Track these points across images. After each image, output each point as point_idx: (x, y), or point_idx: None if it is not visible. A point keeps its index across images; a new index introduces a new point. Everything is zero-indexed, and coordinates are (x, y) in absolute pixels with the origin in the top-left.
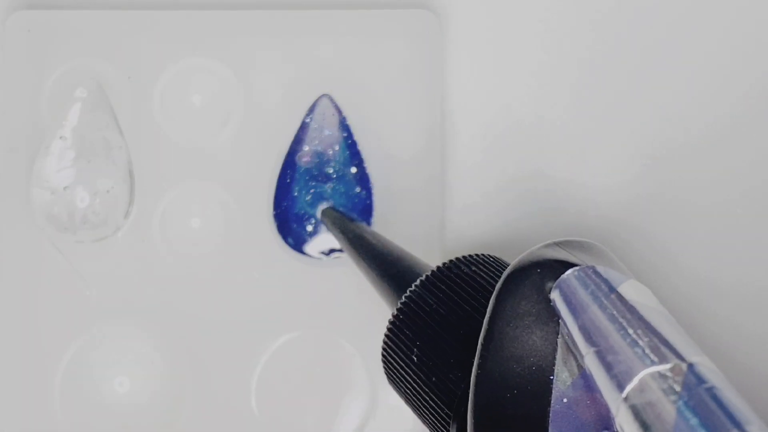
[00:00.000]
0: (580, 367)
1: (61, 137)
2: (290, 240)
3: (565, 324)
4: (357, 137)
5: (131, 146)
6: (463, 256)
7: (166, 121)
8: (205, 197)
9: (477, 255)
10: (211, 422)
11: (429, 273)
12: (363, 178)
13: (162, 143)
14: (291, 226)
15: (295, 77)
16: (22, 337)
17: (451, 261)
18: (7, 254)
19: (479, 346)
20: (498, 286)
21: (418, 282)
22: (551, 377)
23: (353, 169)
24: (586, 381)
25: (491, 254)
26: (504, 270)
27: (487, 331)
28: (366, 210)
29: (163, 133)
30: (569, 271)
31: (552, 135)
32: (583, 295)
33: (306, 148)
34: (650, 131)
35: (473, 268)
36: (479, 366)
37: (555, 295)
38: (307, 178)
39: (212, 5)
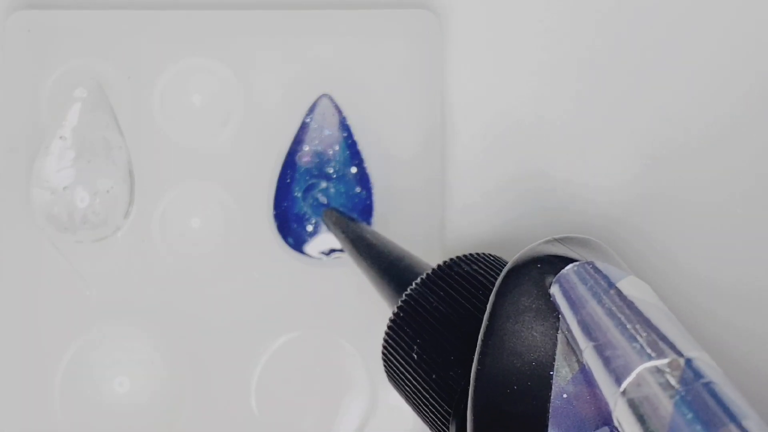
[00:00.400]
0: (580, 363)
1: (61, 137)
2: (290, 240)
3: (564, 319)
4: (357, 137)
5: (131, 146)
6: (463, 255)
7: (166, 121)
8: (205, 197)
9: (477, 254)
10: (211, 422)
11: (429, 271)
12: (363, 178)
13: (162, 143)
14: (291, 226)
15: (295, 77)
16: (22, 337)
17: (451, 259)
18: (7, 254)
19: (479, 342)
20: (498, 282)
21: (418, 280)
22: (551, 373)
23: (353, 169)
24: (585, 376)
25: (491, 253)
26: (503, 268)
27: (488, 327)
28: (366, 210)
29: (163, 133)
30: (569, 267)
31: (552, 135)
32: (582, 290)
33: (306, 148)
34: (650, 131)
35: (473, 267)
36: (479, 362)
37: (554, 290)
38: (307, 178)
39: (212, 5)
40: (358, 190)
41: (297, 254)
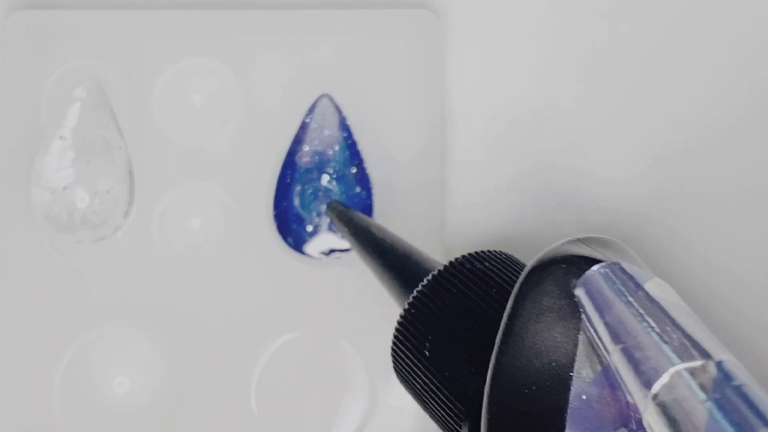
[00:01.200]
0: (602, 364)
1: (60, 137)
2: (290, 240)
3: (590, 320)
4: (357, 137)
5: (131, 146)
6: (475, 252)
7: (166, 121)
8: (205, 197)
9: (488, 251)
10: (211, 422)
11: (441, 268)
12: (363, 178)
13: (162, 143)
14: (291, 226)
15: (295, 77)
16: (22, 337)
17: (463, 256)
18: (7, 254)
19: (498, 341)
20: (520, 280)
21: (430, 276)
22: (571, 374)
23: (353, 169)
24: (607, 378)
25: (502, 251)
26: (516, 266)
27: (507, 325)
28: (366, 210)
29: (162, 133)
30: (595, 267)
31: (552, 134)
32: (609, 292)
33: (306, 148)
34: (653, 129)
35: (485, 264)
36: (497, 361)
37: (580, 291)
38: (307, 178)
39: (212, 5)
40: (358, 190)
41: (297, 254)
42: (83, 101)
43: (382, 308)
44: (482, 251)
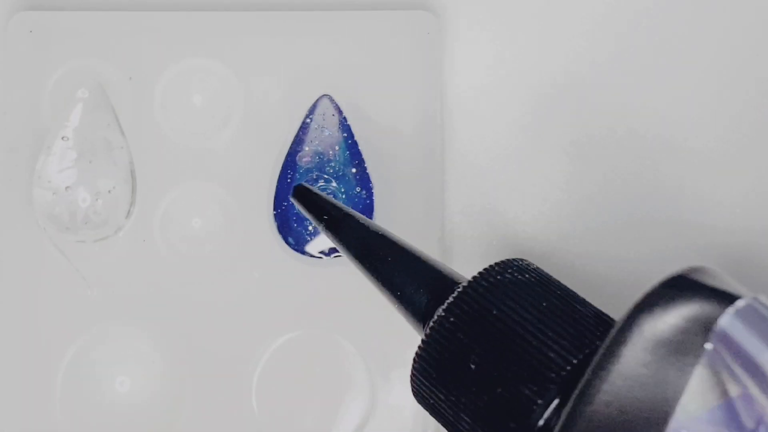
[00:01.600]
0: (721, 401)
1: (62, 137)
2: (291, 240)
3: (724, 361)
4: (357, 137)
5: (132, 146)
6: (508, 260)
7: (167, 122)
8: (205, 197)
9: (519, 260)
10: (211, 422)
11: (477, 275)
12: (363, 178)
13: (163, 143)
14: (291, 226)
15: (295, 77)
16: (22, 337)
17: (497, 264)
18: (8, 254)
19: (595, 364)
20: (636, 305)
21: (465, 283)
22: (674, 407)
23: (353, 169)
24: (721, 416)
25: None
26: (550, 280)
27: (611, 350)
28: (366, 210)
29: (164, 134)
30: (740, 304)
31: (552, 135)
32: (759, 332)
33: (306, 148)
34: (654, 133)
35: (526, 276)
36: (589, 384)
37: (721, 332)
38: (307, 178)
39: (213, 6)
40: (358, 190)
41: (297, 254)
42: (85, 102)
43: (382, 308)
44: (513, 260)
